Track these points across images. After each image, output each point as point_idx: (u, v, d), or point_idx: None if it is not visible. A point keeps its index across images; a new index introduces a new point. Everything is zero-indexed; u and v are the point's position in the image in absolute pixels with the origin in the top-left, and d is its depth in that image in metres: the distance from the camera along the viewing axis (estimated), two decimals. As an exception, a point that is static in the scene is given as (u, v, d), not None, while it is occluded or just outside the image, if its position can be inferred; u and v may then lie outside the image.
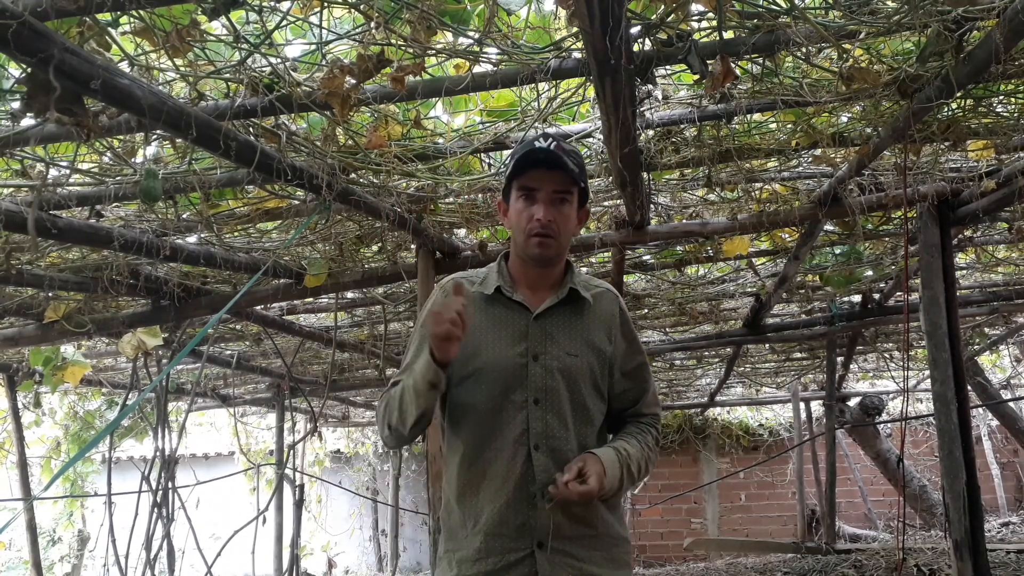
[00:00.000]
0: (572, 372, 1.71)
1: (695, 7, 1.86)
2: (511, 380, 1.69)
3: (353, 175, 2.56)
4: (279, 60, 1.98)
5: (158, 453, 4.10)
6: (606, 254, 3.79)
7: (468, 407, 1.73)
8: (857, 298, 5.12)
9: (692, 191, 3.27)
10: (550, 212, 1.68)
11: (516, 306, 1.75)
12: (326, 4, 1.90)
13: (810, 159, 2.97)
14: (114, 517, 4.12)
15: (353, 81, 1.92)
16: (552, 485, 1.60)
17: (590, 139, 2.55)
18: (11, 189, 2.40)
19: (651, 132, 2.55)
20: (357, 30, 2.03)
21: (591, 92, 2.19)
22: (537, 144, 1.67)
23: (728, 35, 1.94)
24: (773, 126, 2.69)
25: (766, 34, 1.88)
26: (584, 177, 1.76)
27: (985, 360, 8.47)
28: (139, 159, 2.39)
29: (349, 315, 4.86)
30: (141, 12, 1.72)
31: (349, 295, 4.18)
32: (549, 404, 1.69)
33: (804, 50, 2.00)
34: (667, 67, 2.13)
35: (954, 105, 2.46)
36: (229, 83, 2.04)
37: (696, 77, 2.00)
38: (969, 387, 5.31)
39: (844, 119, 2.63)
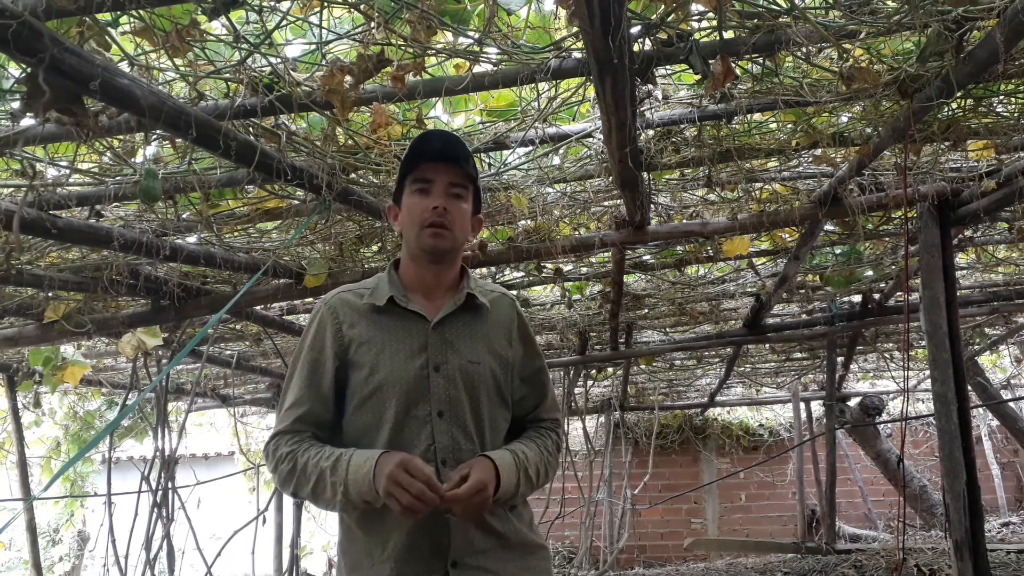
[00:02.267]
0: (475, 381, 1.64)
1: (695, 7, 1.85)
2: (413, 394, 1.60)
3: (353, 175, 2.56)
4: (279, 60, 1.98)
5: (158, 453, 4.10)
6: (606, 254, 3.79)
7: (369, 427, 1.62)
8: (857, 298, 5.12)
9: (692, 191, 3.27)
10: (446, 202, 1.63)
11: (412, 316, 1.65)
12: (326, 4, 1.90)
13: (810, 159, 2.97)
14: (114, 517, 4.12)
15: (353, 81, 1.92)
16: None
17: (590, 139, 2.55)
18: (11, 189, 2.40)
19: (651, 132, 2.55)
20: (357, 30, 2.03)
21: (591, 92, 2.19)
22: (429, 137, 1.64)
23: (728, 35, 1.94)
24: (773, 126, 2.69)
25: (766, 34, 1.88)
26: (477, 175, 1.70)
27: (985, 360, 8.47)
28: (139, 159, 2.39)
29: (349, 315, 4.85)
30: (141, 12, 1.72)
31: (349, 295, 4.17)
32: (454, 416, 1.61)
33: (804, 50, 1.99)
34: (667, 67, 2.13)
35: (954, 105, 2.45)
36: (229, 83, 2.04)
37: (697, 77, 2.00)
38: (969, 387, 5.30)
39: (844, 119, 2.63)
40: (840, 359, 6.61)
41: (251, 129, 2.20)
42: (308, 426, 1.65)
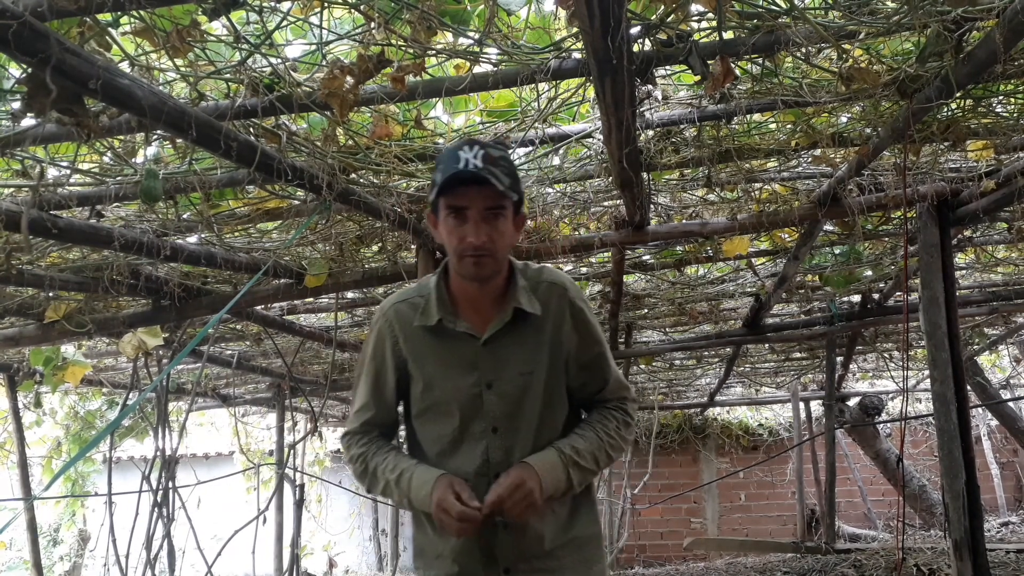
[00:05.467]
0: (528, 392, 1.66)
1: (695, 7, 1.86)
2: (468, 411, 1.65)
3: (353, 175, 2.56)
4: (279, 60, 1.98)
5: (158, 453, 4.10)
6: (606, 254, 3.79)
7: (429, 440, 1.71)
8: (856, 298, 5.12)
9: (692, 191, 3.27)
10: (482, 232, 1.54)
11: (462, 335, 1.67)
12: (326, 4, 1.90)
13: (810, 159, 2.97)
14: (115, 517, 4.12)
15: (353, 81, 1.92)
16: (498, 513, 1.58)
17: (590, 139, 2.55)
18: (11, 189, 2.40)
19: (651, 132, 2.55)
20: (357, 30, 2.03)
21: (591, 92, 2.20)
22: (462, 155, 1.51)
23: (728, 35, 1.94)
24: (773, 126, 2.69)
25: (766, 34, 1.88)
26: (517, 185, 1.60)
27: (984, 360, 8.47)
28: (139, 159, 2.39)
29: (349, 315, 4.86)
30: (141, 12, 1.73)
31: (349, 295, 4.18)
32: (508, 431, 1.65)
33: (804, 50, 2.00)
34: (667, 67, 2.13)
35: (953, 105, 2.46)
36: (229, 83, 2.04)
37: (696, 78, 2.00)
38: (968, 387, 5.31)
39: (844, 119, 2.63)
40: (839, 359, 6.62)
41: (251, 129, 2.20)
42: (374, 428, 1.78)
